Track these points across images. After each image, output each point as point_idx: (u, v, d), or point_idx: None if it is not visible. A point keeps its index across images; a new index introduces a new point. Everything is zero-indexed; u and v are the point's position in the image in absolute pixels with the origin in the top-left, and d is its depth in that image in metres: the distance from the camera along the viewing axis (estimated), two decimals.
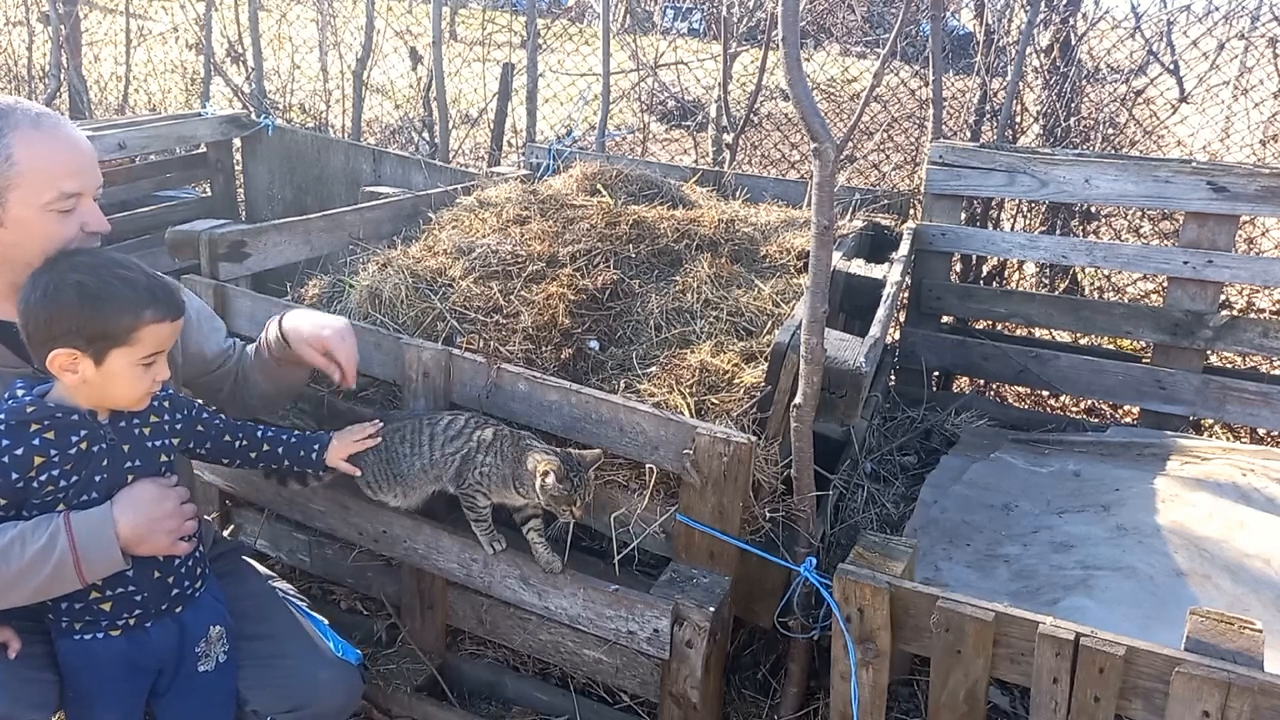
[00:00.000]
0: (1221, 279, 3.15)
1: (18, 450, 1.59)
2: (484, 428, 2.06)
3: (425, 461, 2.06)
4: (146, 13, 7.90)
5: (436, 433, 2.07)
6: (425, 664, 2.32)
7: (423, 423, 2.09)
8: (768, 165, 5.39)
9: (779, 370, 2.13)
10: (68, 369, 1.62)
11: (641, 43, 6.36)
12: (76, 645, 1.72)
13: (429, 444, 2.06)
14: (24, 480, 1.60)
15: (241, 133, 4.65)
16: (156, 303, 1.65)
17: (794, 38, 1.75)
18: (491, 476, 2.02)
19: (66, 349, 1.60)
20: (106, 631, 1.73)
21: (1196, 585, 2.21)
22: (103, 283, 1.62)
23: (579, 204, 3.03)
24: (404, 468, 2.08)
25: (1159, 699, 1.58)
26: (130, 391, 1.69)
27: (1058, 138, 4.26)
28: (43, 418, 1.63)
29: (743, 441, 1.92)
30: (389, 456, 2.08)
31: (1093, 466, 2.87)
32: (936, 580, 2.28)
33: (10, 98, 1.74)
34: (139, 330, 1.63)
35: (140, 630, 1.75)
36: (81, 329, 1.60)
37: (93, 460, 1.67)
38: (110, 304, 1.61)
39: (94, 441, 1.67)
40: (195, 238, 2.66)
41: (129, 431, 1.73)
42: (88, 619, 1.71)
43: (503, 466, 2.01)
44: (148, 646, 1.76)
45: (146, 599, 1.75)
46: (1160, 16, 4.78)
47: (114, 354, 1.62)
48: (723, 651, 2.09)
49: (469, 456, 2.04)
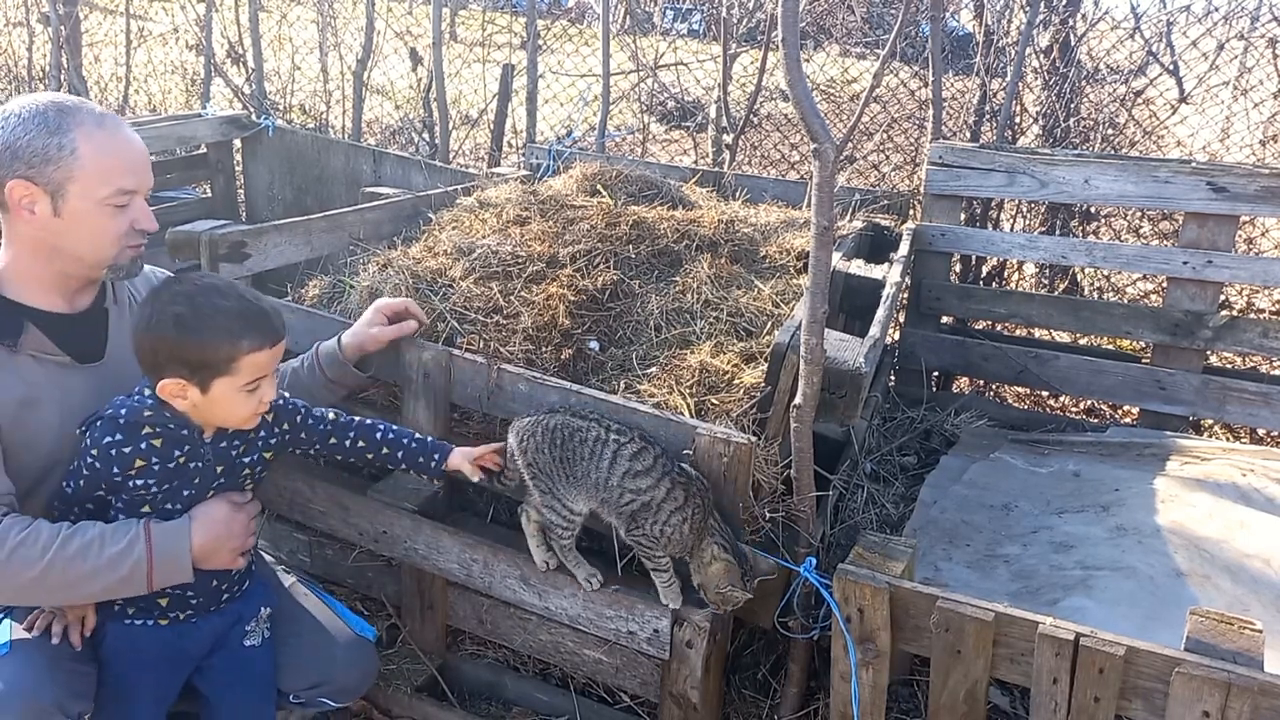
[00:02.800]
0: (1221, 279, 3.15)
1: (126, 448, 1.67)
2: (674, 483, 1.85)
3: (598, 480, 1.89)
4: (146, 13, 7.90)
5: (620, 459, 1.87)
6: (425, 664, 2.32)
7: (609, 435, 1.89)
8: (768, 166, 5.39)
9: (779, 371, 2.13)
10: (177, 396, 1.68)
11: (641, 44, 6.36)
12: (125, 630, 1.78)
13: (609, 465, 1.87)
14: (122, 476, 1.68)
15: (242, 133, 4.66)
16: (252, 332, 1.68)
17: (794, 38, 1.75)
18: (674, 540, 1.87)
19: (173, 379, 1.66)
20: (156, 620, 1.79)
21: (1196, 585, 2.21)
22: (199, 315, 1.65)
23: (579, 204, 3.03)
24: (577, 471, 1.91)
25: (1159, 699, 1.59)
26: (238, 415, 1.75)
27: (1057, 138, 4.26)
28: (155, 424, 1.70)
29: (743, 442, 1.92)
30: (564, 454, 1.91)
31: (1092, 467, 2.87)
32: (936, 580, 2.28)
33: (75, 98, 1.78)
34: (238, 360, 1.67)
35: (188, 624, 1.82)
36: (184, 360, 1.65)
37: (186, 474, 1.74)
38: (207, 336, 1.65)
39: (193, 459, 1.74)
40: (196, 238, 2.67)
41: (226, 452, 1.79)
42: (141, 606, 1.77)
43: (687, 537, 1.86)
44: (193, 637, 1.83)
45: (201, 603, 1.82)
46: (1160, 17, 4.78)
47: (217, 383, 1.67)
48: (723, 651, 2.09)
49: (650, 506, 1.85)
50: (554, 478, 1.92)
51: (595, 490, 1.90)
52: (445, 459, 1.99)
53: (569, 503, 1.93)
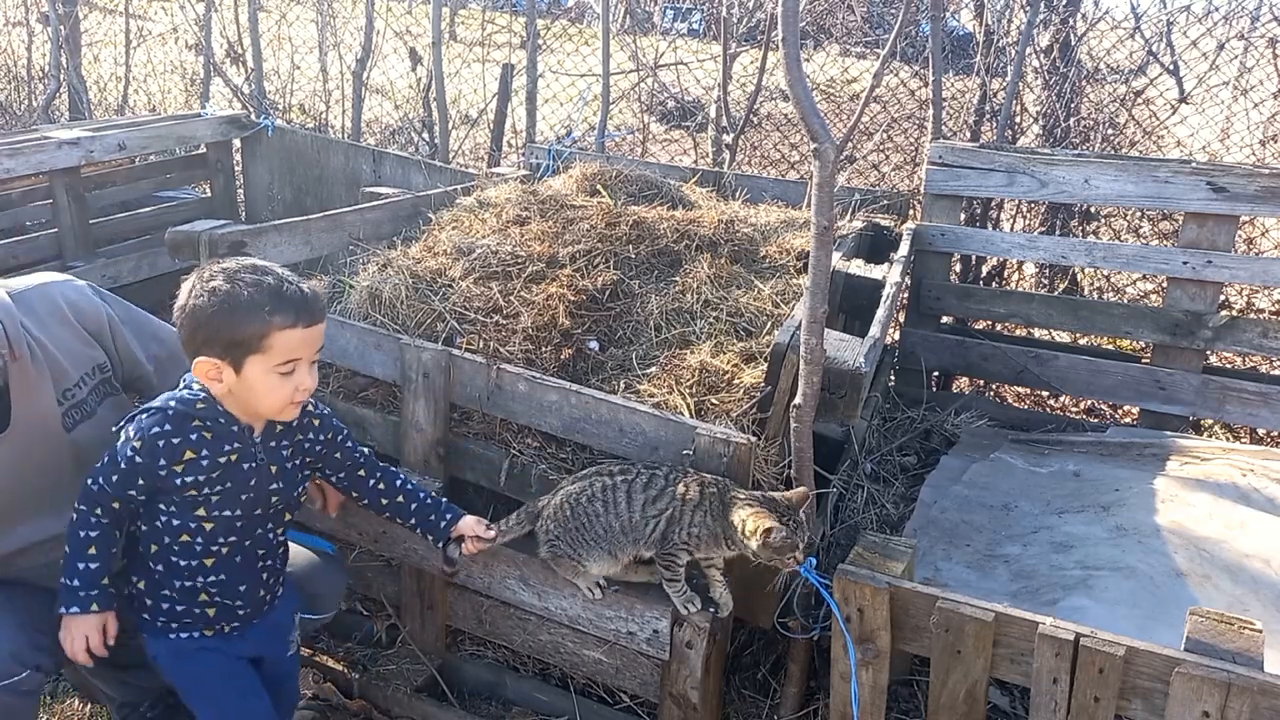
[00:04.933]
0: (1221, 279, 3.15)
1: (175, 439, 1.64)
2: (686, 484, 1.88)
3: (624, 523, 1.90)
4: (146, 13, 7.89)
5: (635, 492, 1.89)
6: (425, 664, 2.32)
7: (614, 479, 1.92)
8: (768, 165, 5.38)
9: (779, 370, 2.13)
10: (213, 378, 1.65)
11: (641, 43, 6.36)
12: (171, 644, 1.77)
13: (626, 503, 1.89)
14: (168, 469, 1.64)
15: (241, 133, 4.66)
16: (284, 308, 1.62)
17: (794, 38, 1.75)
18: (701, 537, 1.87)
19: (208, 358, 1.63)
20: (202, 631, 1.77)
21: (1196, 585, 2.21)
22: (234, 291, 1.61)
23: (579, 204, 3.03)
24: (599, 530, 1.91)
25: (1159, 699, 1.59)
26: (272, 400, 1.68)
27: (1057, 138, 4.26)
28: (205, 418, 1.67)
29: (743, 442, 1.92)
30: (580, 522, 1.92)
31: (1092, 467, 2.87)
32: (936, 580, 2.28)
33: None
34: (268, 336, 1.62)
35: (233, 634, 1.81)
36: (217, 336, 1.62)
37: (240, 476, 1.71)
38: (239, 310, 1.61)
39: (245, 458, 1.71)
40: (195, 238, 2.66)
41: (277, 452, 1.77)
42: (186, 621, 1.76)
43: (714, 525, 1.86)
44: (239, 647, 1.82)
45: (248, 614, 1.81)
46: (1160, 17, 4.78)
47: (250, 361, 1.63)
48: (722, 652, 2.09)
49: (674, 518, 1.87)
50: (594, 543, 1.94)
51: (624, 535, 1.91)
52: (456, 520, 1.96)
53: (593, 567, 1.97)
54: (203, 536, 1.71)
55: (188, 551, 1.71)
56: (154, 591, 1.75)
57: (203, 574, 1.73)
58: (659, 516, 1.88)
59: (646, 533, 1.90)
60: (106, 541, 1.70)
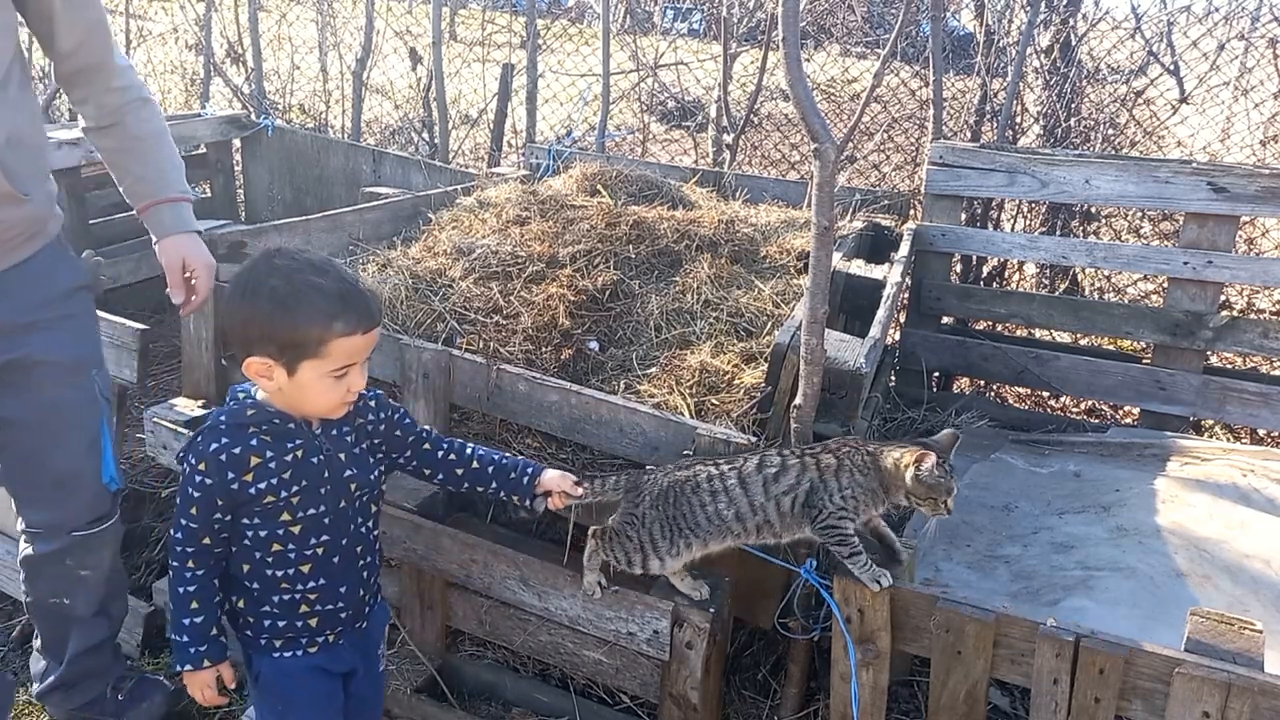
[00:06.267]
0: (1221, 279, 3.15)
1: (235, 449, 1.59)
2: (816, 455, 1.83)
3: (743, 508, 1.83)
4: (146, 13, 7.89)
5: (748, 478, 1.83)
6: (425, 665, 2.32)
7: (722, 469, 1.85)
8: (768, 166, 5.38)
9: (779, 371, 2.13)
10: (263, 375, 1.58)
11: (641, 43, 6.36)
12: (276, 663, 1.72)
13: (743, 490, 1.83)
14: (239, 482, 1.59)
15: (241, 133, 4.66)
16: (347, 314, 1.56)
17: (794, 38, 1.75)
18: (858, 497, 1.80)
19: (261, 357, 1.56)
20: (305, 649, 1.73)
21: (1196, 586, 2.21)
22: (295, 290, 1.54)
23: (579, 204, 3.03)
24: (700, 518, 1.85)
25: (1159, 700, 1.59)
26: (323, 403, 1.63)
27: (1058, 138, 4.26)
28: (260, 422, 1.62)
29: (743, 442, 1.92)
30: (680, 510, 1.85)
31: (1093, 467, 2.87)
32: (936, 581, 2.28)
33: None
34: (328, 343, 1.56)
35: (336, 647, 1.76)
36: (273, 336, 1.55)
37: (312, 471, 1.65)
38: (300, 313, 1.54)
39: (310, 453, 1.65)
40: None
41: (341, 440, 1.71)
42: (289, 636, 1.72)
43: (866, 480, 1.80)
44: (339, 657, 1.78)
45: (349, 617, 1.76)
46: (1160, 17, 4.78)
47: (305, 365, 1.57)
48: (723, 652, 2.09)
49: (816, 488, 1.80)
50: (689, 532, 1.87)
51: (739, 522, 1.84)
52: (539, 474, 1.84)
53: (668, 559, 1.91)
54: (294, 542, 1.65)
55: (282, 561, 1.66)
56: (254, 609, 1.70)
57: (301, 581, 1.68)
58: (792, 491, 1.81)
59: (780, 511, 1.82)
60: (207, 592, 1.65)
